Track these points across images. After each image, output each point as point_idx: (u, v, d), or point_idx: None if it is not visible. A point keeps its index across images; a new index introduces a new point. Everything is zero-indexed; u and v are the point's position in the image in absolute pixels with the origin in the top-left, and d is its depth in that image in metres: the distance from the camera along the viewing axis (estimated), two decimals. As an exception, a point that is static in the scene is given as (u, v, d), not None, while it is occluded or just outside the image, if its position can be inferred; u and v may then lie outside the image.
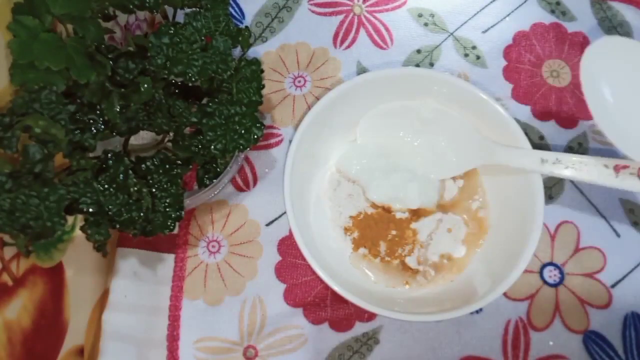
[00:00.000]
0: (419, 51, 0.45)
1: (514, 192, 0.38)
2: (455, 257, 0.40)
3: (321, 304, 0.39)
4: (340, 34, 0.45)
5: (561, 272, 0.39)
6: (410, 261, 0.40)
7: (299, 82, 0.44)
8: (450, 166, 0.41)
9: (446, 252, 0.40)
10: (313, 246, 0.37)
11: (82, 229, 0.32)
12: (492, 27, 0.45)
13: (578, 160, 0.33)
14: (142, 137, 0.38)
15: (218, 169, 0.37)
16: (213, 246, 0.41)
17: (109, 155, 0.32)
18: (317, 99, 0.42)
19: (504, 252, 0.37)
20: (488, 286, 0.35)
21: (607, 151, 0.42)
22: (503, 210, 0.39)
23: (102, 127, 0.32)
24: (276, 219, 0.41)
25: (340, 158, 0.42)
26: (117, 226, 0.32)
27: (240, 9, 0.46)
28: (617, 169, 0.32)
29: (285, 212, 0.40)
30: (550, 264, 0.40)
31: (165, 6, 0.35)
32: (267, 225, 0.41)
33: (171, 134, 0.35)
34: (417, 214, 0.40)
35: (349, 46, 0.45)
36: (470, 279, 0.38)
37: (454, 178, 0.41)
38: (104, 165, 0.32)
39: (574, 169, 0.33)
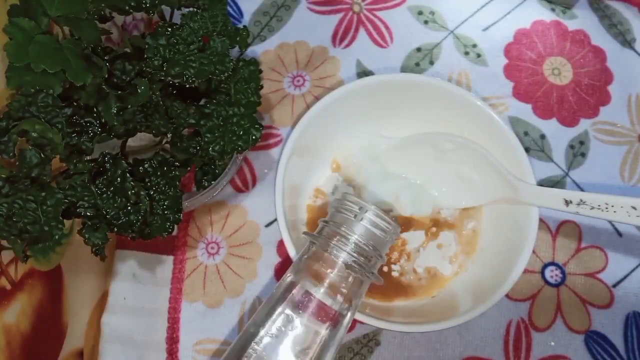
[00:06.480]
0: (419, 49, 0.44)
1: (509, 221, 0.37)
2: (439, 274, 0.39)
3: (321, 305, 0.39)
4: (340, 33, 0.45)
5: (563, 272, 0.39)
6: (394, 269, 0.39)
7: (298, 81, 0.44)
8: (469, 196, 0.39)
9: (432, 267, 0.39)
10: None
11: (79, 233, 0.31)
12: (492, 25, 0.45)
13: (604, 201, 0.32)
14: (140, 139, 0.38)
15: (217, 171, 0.37)
16: (212, 248, 0.40)
17: (107, 158, 0.32)
18: (317, 98, 0.41)
19: (489, 277, 0.36)
20: (469, 305, 0.35)
21: (609, 150, 0.42)
22: (496, 236, 0.38)
23: (99, 129, 0.32)
24: (275, 219, 0.41)
25: (344, 155, 0.41)
26: (115, 229, 0.32)
27: (239, 8, 0.45)
28: None
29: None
30: (552, 263, 0.39)
31: (162, 6, 0.34)
32: (267, 226, 0.41)
33: (169, 135, 0.35)
34: (409, 223, 0.40)
35: (348, 45, 0.44)
36: (452, 296, 0.38)
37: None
38: (102, 169, 0.32)
39: (600, 210, 0.32)
